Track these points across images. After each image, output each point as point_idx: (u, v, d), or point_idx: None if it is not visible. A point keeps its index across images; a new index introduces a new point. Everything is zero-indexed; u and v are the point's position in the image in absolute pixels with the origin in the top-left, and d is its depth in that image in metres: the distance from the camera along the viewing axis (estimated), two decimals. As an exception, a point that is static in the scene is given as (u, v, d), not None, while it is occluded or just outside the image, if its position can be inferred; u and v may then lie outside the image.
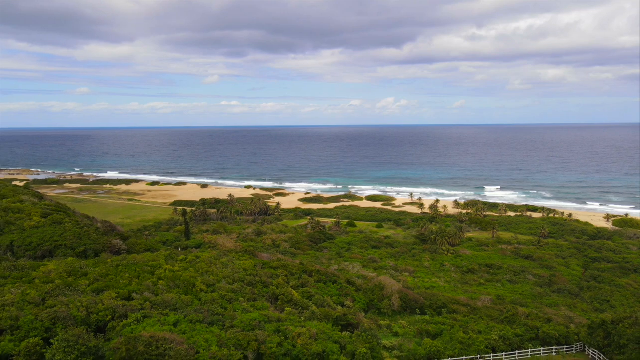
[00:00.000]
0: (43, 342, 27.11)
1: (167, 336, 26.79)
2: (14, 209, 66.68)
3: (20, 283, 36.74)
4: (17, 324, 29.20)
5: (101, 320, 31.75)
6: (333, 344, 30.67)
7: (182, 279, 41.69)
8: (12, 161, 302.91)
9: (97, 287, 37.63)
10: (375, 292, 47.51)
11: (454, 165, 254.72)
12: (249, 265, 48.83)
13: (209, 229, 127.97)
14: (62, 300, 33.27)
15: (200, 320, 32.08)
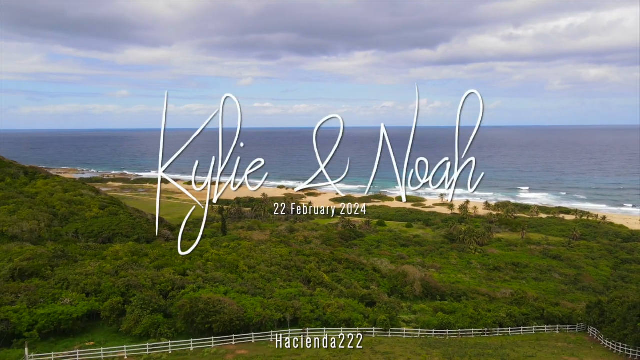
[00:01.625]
0: (123, 301, 34.02)
1: (221, 299, 33.15)
2: (76, 202, 75.58)
3: (95, 259, 44.17)
4: (99, 288, 36.32)
5: (163, 289, 38.48)
6: (358, 314, 36.29)
7: (227, 261, 48.25)
8: (60, 161, 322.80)
9: (157, 264, 44.67)
10: (398, 279, 52.67)
11: (487, 166, 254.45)
12: (284, 252, 55.04)
13: (244, 225, 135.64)
14: (132, 272, 40.32)
15: (245, 292, 38.35)
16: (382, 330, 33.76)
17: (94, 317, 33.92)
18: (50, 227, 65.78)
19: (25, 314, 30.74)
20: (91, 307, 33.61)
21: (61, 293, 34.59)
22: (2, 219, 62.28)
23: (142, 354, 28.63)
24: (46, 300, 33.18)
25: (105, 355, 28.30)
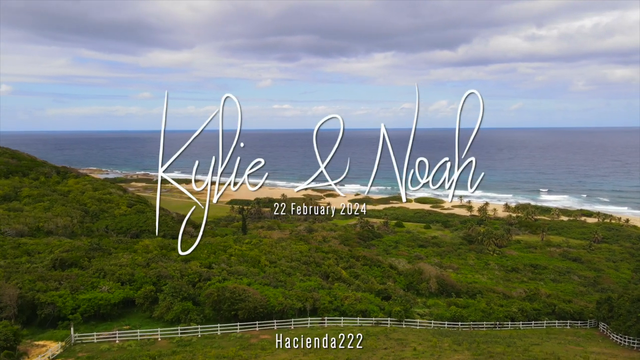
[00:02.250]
0: (155, 289, 36.86)
1: (245, 288, 35.69)
2: (105, 200, 79.53)
3: (127, 252, 47.32)
4: (133, 278, 39.28)
5: (191, 280, 41.24)
6: (374, 306, 38.37)
7: (249, 256, 50.88)
8: (85, 161, 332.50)
9: (184, 257, 47.49)
10: (414, 276, 54.50)
11: (508, 168, 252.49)
12: (304, 249, 57.44)
13: (263, 225, 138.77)
14: (161, 264, 43.26)
15: (267, 284, 40.85)
16: (397, 320, 35.75)
17: (129, 304, 36.84)
18: (82, 223, 69.63)
19: (68, 298, 33.84)
20: (126, 295, 36.56)
21: (99, 281, 37.66)
22: (38, 215, 66.37)
23: (174, 337, 31.32)
24: (86, 288, 36.26)
25: (141, 337, 31.08)
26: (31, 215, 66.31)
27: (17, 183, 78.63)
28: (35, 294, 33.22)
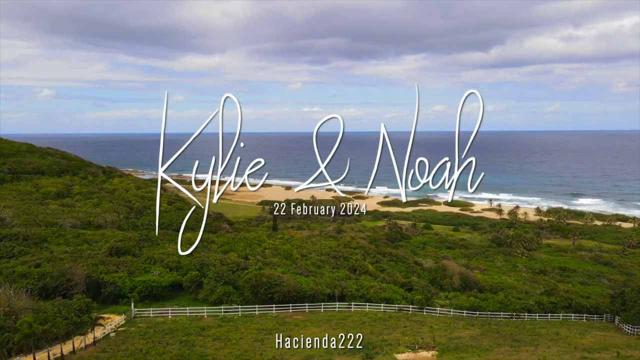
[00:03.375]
0: (199, 275, 41.47)
1: (280, 275, 39.82)
2: (148, 197, 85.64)
3: (172, 243, 52.32)
4: (179, 265, 44.07)
5: (230, 269, 45.71)
6: (397, 295, 41.79)
7: (282, 250, 55.10)
8: (123, 162, 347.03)
9: (223, 249, 52.24)
10: (438, 272, 57.43)
11: (541, 172, 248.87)
12: (333, 245, 61.27)
13: (293, 225, 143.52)
14: (203, 254, 47.95)
15: (299, 273, 44.88)
16: (418, 308, 39.07)
17: (177, 288, 41.57)
18: (128, 218, 75.70)
19: (127, 280, 38.84)
20: (175, 279, 41.34)
21: (150, 267, 42.62)
22: (88, 211, 72.79)
23: (218, 314, 35.73)
24: (140, 272, 41.24)
25: (190, 314, 35.65)
26: (82, 210, 72.79)
27: (69, 181, 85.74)
28: (100, 275, 38.38)
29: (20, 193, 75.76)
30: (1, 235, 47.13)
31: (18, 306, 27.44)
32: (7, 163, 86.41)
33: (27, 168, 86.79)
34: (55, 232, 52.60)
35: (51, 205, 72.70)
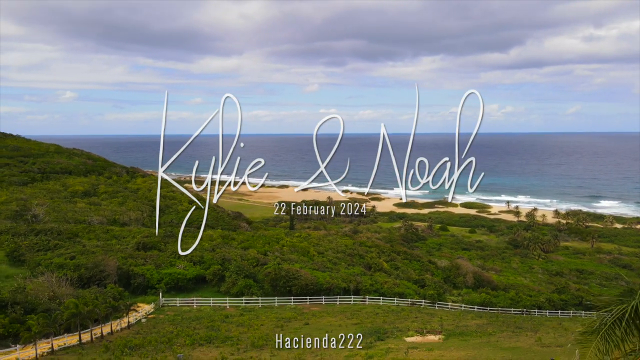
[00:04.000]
0: (222, 268, 43.94)
1: (298, 269, 42.02)
2: (169, 197, 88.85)
3: (194, 240, 54.97)
4: (202, 259, 46.65)
5: (250, 264, 48.11)
6: (410, 290, 43.60)
7: (300, 247, 57.33)
8: (142, 163, 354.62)
9: (243, 245, 54.74)
10: (452, 270, 58.94)
11: (561, 174, 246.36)
12: (348, 243, 63.29)
13: (310, 225, 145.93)
14: (225, 250, 50.50)
15: (316, 269, 47.03)
16: (430, 302, 40.81)
17: (200, 281, 44.13)
18: (151, 217, 78.84)
19: (154, 272, 41.54)
20: (198, 272, 43.93)
21: (175, 261, 45.29)
22: (114, 209, 76.22)
23: (239, 305, 38.10)
24: (166, 265, 43.91)
25: (213, 304, 38.12)
26: (108, 209, 76.26)
27: (94, 181, 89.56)
28: (129, 267, 41.15)
29: (50, 191, 79.68)
30: (37, 230, 50.45)
31: (60, 292, 30.21)
32: (37, 163, 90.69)
33: (55, 168, 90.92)
34: (85, 228, 55.85)
35: (79, 203, 76.35)
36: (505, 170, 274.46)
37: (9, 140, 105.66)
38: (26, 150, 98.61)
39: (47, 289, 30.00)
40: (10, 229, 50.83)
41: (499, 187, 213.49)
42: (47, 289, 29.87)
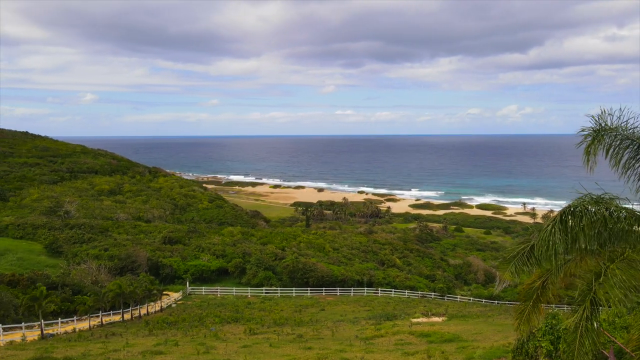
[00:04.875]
0: (243, 261, 47.03)
1: (314, 262, 44.82)
2: (190, 195, 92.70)
3: (216, 235, 58.35)
4: (224, 253, 49.82)
5: (269, 258, 51.10)
6: (421, 284, 46.01)
7: (316, 243, 60.15)
8: (161, 164, 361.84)
9: (262, 241, 57.80)
10: (463, 268, 61.05)
11: (579, 176, 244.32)
12: (363, 240, 65.87)
13: (325, 226, 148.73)
14: (245, 245, 53.61)
15: (331, 263, 49.77)
16: (440, 295, 43.19)
17: (223, 273, 47.29)
18: (173, 214, 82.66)
19: (180, 264, 44.82)
20: (221, 265, 47.09)
21: (199, 254, 48.55)
22: (138, 207, 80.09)
23: (260, 294, 41.08)
24: (191, 258, 47.18)
25: (236, 293, 41.15)
26: (133, 206, 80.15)
27: (119, 180, 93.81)
28: (158, 259, 44.51)
29: (78, 190, 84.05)
30: (71, 225, 54.32)
31: (100, 278, 33.57)
32: (65, 163, 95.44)
33: (82, 167, 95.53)
34: (114, 224, 59.62)
35: (105, 201, 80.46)
36: (522, 172, 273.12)
37: (38, 141, 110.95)
38: (54, 151, 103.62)
39: (89, 275, 33.39)
40: (46, 223, 54.78)
41: (516, 189, 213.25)
42: (89, 275, 33.25)
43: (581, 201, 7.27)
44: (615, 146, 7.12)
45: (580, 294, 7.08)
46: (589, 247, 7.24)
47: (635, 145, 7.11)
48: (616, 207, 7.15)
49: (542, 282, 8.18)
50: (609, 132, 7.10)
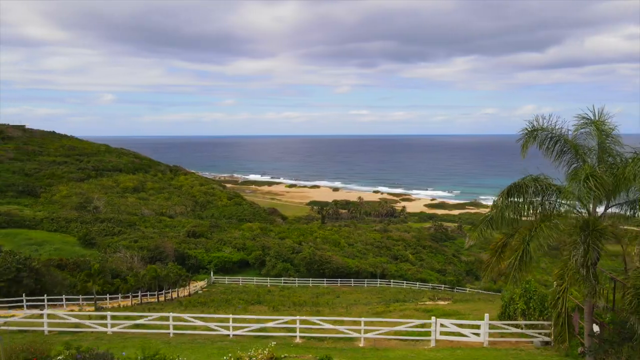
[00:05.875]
0: (262, 254, 50.01)
1: (330, 255, 47.55)
2: (210, 193, 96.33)
3: (237, 230, 61.51)
4: (245, 246, 52.90)
5: (287, 251, 53.98)
6: (432, 277, 48.38)
7: (331, 239, 62.90)
8: (179, 163, 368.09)
9: (279, 236, 60.78)
10: (475, 264, 63.12)
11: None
12: (377, 237, 68.38)
13: (340, 224, 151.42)
14: (264, 239, 56.62)
15: (346, 256, 52.44)
16: (450, 287, 45.49)
17: (243, 265, 50.37)
18: (194, 211, 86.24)
19: (204, 255, 48.02)
20: (242, 257, 50.19)
21: (221, 247, 51.70)
22: (161, 203, 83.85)
23: (279, 284, 43.96)
24: (214, 250, 50.35)
25: (256, 283, 44.09)
26: (156, 203, 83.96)
27: (142, 178, 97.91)
28: (184, 250, 47.76)
29: (104, 187, 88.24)
30: (101, 219, 58.04)
31: (134, 265, 36.85)
32: (91, 161, 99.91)
33: (107, 166, 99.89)
34: (140, 219, 63.24)
35: (129, 198, 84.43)
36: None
37: (65, 140, 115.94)
38: (80, 150, 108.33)
39: (124, 262, 36.69)
40: (77, 217, 58.63)
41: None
42: (124, 263, 36.55)
43: (523, 180, 9.82)
44: (546, 141, 9.67)
45: (517, 242, 9.65)
46: (530, 213, 9.83)
47: (562, 141, 9.65)
48: (548, 184, 9.68)
49: (503, 242, 10.76)
50: (541, 131, 9.65)
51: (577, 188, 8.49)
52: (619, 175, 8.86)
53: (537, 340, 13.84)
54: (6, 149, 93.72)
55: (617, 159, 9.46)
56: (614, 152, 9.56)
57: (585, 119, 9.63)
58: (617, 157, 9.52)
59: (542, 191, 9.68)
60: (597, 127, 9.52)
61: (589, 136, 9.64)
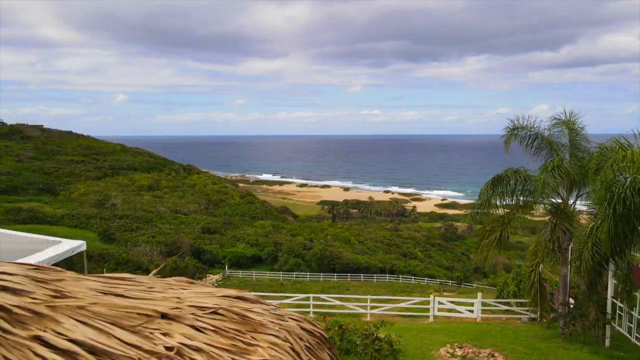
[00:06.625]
0: (275, 249, 51.88)
1: (340, 251, 49.27)
2: (222, 192, 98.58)
3: (250, 227, 63.48)
4: (257, 242, 54.81)
5: (299, 247, 55.79)
6: (440, 273, 49.83)
7: (342, 236, 64.57)
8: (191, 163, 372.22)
9: (291, 233, 62.61)
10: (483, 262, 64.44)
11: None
12: (387, 234, 69.91)
13: (351, 223, 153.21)
14: (276, 236, 58.50)
15: (356, 253, 54.09)
16: (457, 283, 46.92)
17: (257, 260, 52.29)
18: (207, 209, 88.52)
19: (219, 250, 50.04)
20: (255, 253, 52.11)
21: (235, 243, 53.68)
22: (175, 201, 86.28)
23: (291, 278, 45.81)
24: (228, 246, 52.35)
25: (269, 277, 45.99)
26: (170, 201, 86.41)
27: (156, 176, 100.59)
28: (200, 245, 49.84)
29: (120, 185, 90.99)
30: (119, 216, 60.45)
31: (154, 258, 38.97)
32: (107, 160, 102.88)
33: (122, 165, 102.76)
34: (157, 216, 65.57)
35: (145, 196, 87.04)
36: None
37: (81, 140, 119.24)
38: (97, 149, 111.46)
39: (144, 255, 38.84)
40: (97, 214, 61.12)
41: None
42: (144, 256, 38.71)
43: (506, 172, 11.48)
44: (525, 139, 11.32)
45: (497, 224, 11.31)
46: (513, 201, 11.50)
47: (539, 138, 11.30)
48: (527, 176, 11.33)
49: (491, 226, 12.41)
50: (521, 129, 11.30)
51: (545, 177, 10.10)
52: (585, 168, 10.44)
53: (525, 317, 15.45)
54: (25, 149, 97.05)
55: (585, 154, 11.06)
56: (583, 148, 11.16)
57: (557, 119, 11.25)
58: (584, 152, 11.11)
59: (522, 181, 11.32)
60: (567, 127, 11.13)
61: (562, 134, 11.25)
